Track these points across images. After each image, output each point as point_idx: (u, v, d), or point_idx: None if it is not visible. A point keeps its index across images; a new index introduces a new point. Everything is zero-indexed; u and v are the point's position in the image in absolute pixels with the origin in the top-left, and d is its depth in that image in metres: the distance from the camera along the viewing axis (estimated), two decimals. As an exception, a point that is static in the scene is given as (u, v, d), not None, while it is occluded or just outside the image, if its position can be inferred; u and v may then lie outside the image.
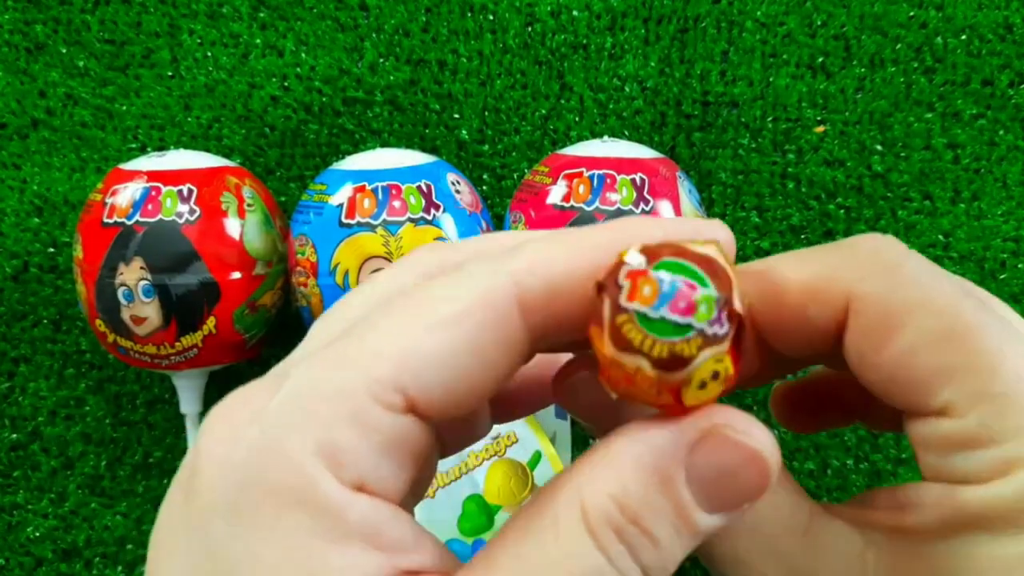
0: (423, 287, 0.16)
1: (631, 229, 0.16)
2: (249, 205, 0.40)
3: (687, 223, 0.17)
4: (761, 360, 0.19)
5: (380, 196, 0.38)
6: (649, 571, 0.15)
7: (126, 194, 0.39)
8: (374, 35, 0.48)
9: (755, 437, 0.15)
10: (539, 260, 0.15)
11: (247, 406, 0.15)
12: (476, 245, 0.18)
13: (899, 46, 0.47)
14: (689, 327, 0.13)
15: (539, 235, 0.16)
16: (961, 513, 0.16)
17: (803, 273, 0.17)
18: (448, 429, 0.18)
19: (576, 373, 0.18)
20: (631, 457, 0.15)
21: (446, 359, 0.15)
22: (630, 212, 0.38)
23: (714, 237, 0.16)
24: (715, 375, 0.14)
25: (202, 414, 0.43)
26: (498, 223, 0.45)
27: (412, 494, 0.17)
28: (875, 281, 0.16)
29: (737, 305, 0.13)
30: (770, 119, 0.47)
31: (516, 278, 0.15)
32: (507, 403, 0.20)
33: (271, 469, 0.14)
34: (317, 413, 0.14)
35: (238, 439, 0.14)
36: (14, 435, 0.47)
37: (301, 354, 0.16)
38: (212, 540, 0.14)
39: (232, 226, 0.39)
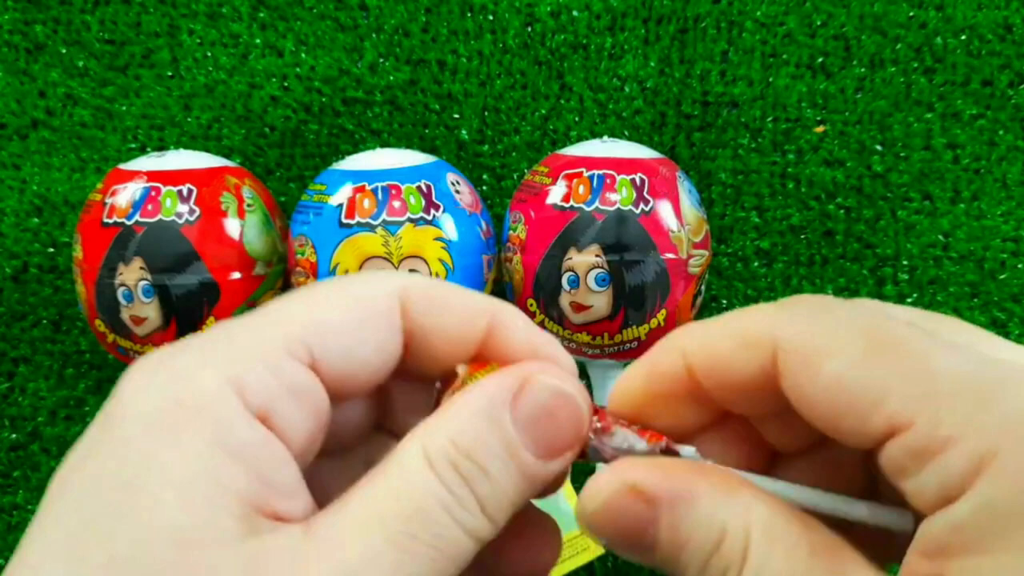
0: (326, 280, 0.19)
1: (497, 306, 0.19)
2: (249, 205, 0.40)
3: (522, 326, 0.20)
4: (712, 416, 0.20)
5: (380, 196, 0.38)
6: (484, 501, 0.17)
7: (126, 194, 0.39)
8: (374, 35, 0.48)
9: (566, 383, 0.18)
10: (422, 281, 0.19)
11: (166, 350, 0.17)
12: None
13: (899, 46, 0.47)
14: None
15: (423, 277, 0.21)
16: (938, 546, 0.15)
17: (728, 328, 0.18)
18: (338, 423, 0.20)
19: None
20: (466, 405, 0.17)
21: (345, 330, 0.18)
22: (630, 212, 0.38)
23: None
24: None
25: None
26: (498, 223, 0.45)
27: (304, 458, 0.18)
28: (797, 322, 0.17)
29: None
30: (770, 119, 0.47)
31: (404, 285, 0.19)
32: None
33: (185, 390, 0.16)
34: (231, 352, 0.17)
35: (156, 371, 0.16)
36: (14, 435, 0.47)
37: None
38: (125, 445, 0.15)
39: (232, 226, 0.39)
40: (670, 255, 0.38)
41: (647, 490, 0.17)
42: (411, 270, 0.38)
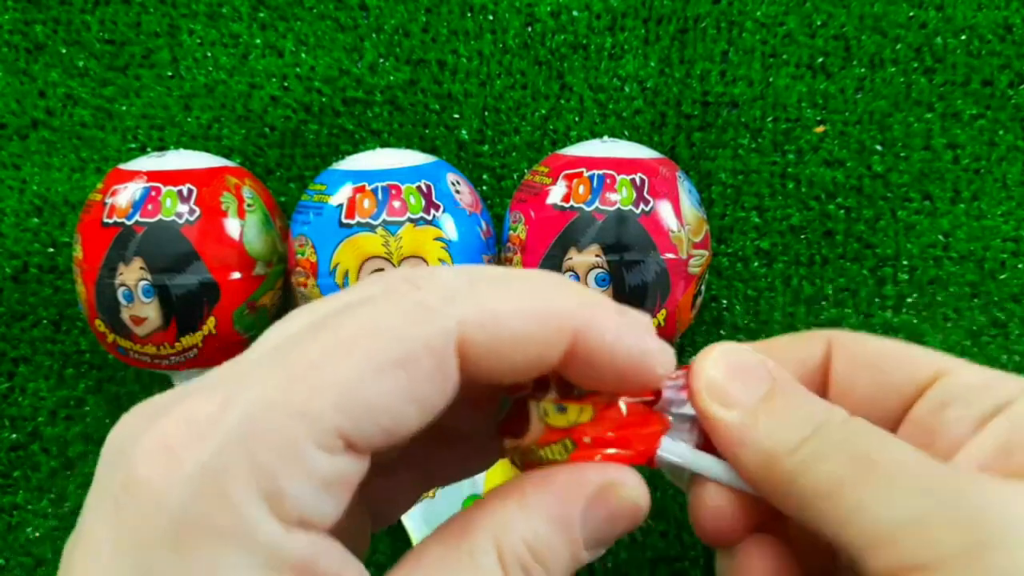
0: (371, 315, 0.16)
1: (571, 300, 0.17)
2: (249, 205, 0.40)
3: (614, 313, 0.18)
4: None
5: (380, 196, 0.38)
6: None
7: (126, 194, 0.39)
8: (374, 35, 0.48)
9: (641, 494, 0.18)
10: (488, 312, 0.16)
11: (189, 432, 0.15)
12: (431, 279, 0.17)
13: (899, 46, 0.46)
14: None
15: (489, 276, 0.17)
16: (1004, 448, 0.18)
17: (785, 337, 0.23)
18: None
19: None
20: (542, 504, 0.17)
21: (388, 405, 0.15)
22: (630, 212, 0.38)
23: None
24: (561, 408, 0.19)
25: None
26: (498, 223, 0.45)
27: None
28: (845, 332, 0.22)
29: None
30: (770, 119, 0.47)
31: (463, 328, 0.16)
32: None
33: (214, 509, 0.14)
34: (260, 454, 0.15)
35: (178, 466, 0.15)
36: (14, 435, 0.47)
37: (250, 363, 0.16)
38: (149, 569, 0.14)
39: (232, 226, 0.39)
40: (670, 255, 0.38)
41: (773, 368, 0.20)
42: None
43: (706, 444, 0.20)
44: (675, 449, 0.20)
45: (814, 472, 0.18)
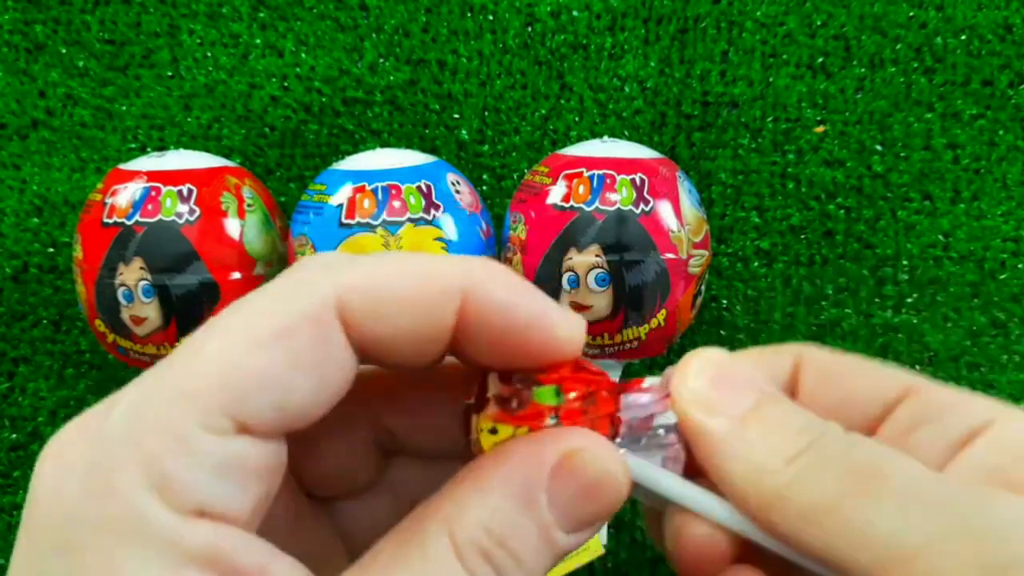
0: (249, 300, 0.15)
1: (456, 265, 0.16)
2: (249, 205, 0.40)
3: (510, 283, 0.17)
4: None
5: (380, 196, 0.38)
6: None
7: (126, 194, 0.39)
8: (374, 35, 0.48)
9: (609, 461, 0.16)
10: (366, 276, 0.15)
11: (79, 435, 0.15)
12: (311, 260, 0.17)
13: (899, 46, 0.47)
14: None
15: (373, 254, 0.17)
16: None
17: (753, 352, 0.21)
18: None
19: None
20: (498, 482, 0.15)
21: (271, 378, 0.15)
22: (630, 212, 0.38)
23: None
24: (493, 431, 0.17)
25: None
26: (498, 223, 0.45)
27: (262, 511, 0.16)
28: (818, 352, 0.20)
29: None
30: (770, 119, 0.47)
31: (340, 292, 0.15)
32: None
33: (101, 504, 0.14)
34: (144, 443, 0.14)
35: (68, 471, 0.14)
36: (14, 435, 0.47)
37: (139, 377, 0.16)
38: (44, 574, 0.14)
39: (232, 226, 0.39)
40: (670, 255, 0.38)
41: (761, 377, 0.19)
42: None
43: (689, 462, 0.18)
44: (652, 475, 0.18)
45: (811, 486, 0.16)
